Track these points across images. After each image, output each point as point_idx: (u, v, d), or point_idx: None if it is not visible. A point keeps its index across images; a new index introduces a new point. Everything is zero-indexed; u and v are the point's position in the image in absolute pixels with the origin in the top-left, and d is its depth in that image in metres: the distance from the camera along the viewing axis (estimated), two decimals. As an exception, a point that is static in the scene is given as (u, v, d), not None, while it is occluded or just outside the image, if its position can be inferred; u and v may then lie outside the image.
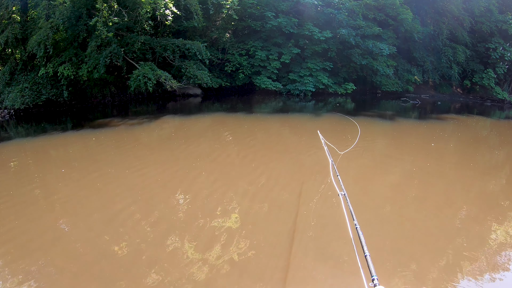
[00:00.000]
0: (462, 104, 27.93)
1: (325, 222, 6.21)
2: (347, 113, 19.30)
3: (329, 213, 6.50)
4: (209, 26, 23.38)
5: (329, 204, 6.85)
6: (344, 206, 4.06)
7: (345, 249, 5.21)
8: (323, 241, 5.58)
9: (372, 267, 2.61)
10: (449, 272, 4.89)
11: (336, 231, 5.79)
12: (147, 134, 12.97)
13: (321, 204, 6.86)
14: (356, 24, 24.14)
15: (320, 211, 6.56)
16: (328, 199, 7.09)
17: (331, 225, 6.07)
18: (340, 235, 5.57)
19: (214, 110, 18.91)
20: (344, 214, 3.93)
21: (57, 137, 12.11)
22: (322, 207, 6.75)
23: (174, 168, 8.95)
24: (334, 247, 5.41)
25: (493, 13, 28.91)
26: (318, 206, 6.78)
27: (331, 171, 5.79)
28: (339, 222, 5.68)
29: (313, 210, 6.57)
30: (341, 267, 4.92)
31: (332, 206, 6.72)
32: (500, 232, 6.08)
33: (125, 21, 16.62)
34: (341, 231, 5.58)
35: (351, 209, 3.77)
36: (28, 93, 16.15)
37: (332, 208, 6.63)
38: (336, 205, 6.54)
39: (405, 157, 10.79)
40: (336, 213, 6.30)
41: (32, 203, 6.74)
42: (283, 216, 6.32)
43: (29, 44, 15.90)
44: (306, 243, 5.45)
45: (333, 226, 6.00)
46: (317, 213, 6.44)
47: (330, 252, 5.28)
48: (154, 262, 4.84)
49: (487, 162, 10.97)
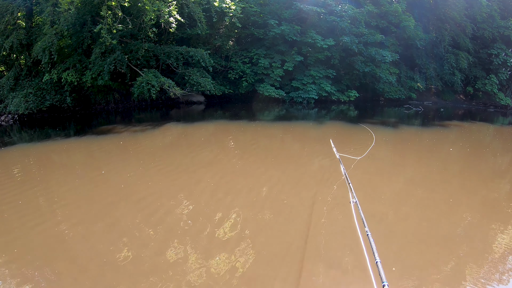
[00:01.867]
0: (465, 110, 27.87)
1: (336, 229, 6.12)
2: (349, 120, 19.34)
3: (340, 220, 6.43)
4: (212, 33, 23.51)
5: (339, 211, 6.76)
6: (355, 214, 4.07)
7: (355, 255, 5.16)
8: (334, 248, 5.49)
9: (383, 274, 2.62)
10: (456, 277, 4.82)
11: (346, 238, 5.73)
12: (150, 141, 12.95)
13: (331, 212, 6.76)
14: (359, 31, 24.22)
15: (331, 218, 6.48)
16: (338, 206, 7.00)
17: (341, 232, 5.99)
18: (351, 242, 5.53)
19: (217, 118, 18.91)
20: (354, 221, 3.95)
21: (60, 143, 12.10)
22: (333, 214, 6.66)
23: (177, 175, 8.86)
24: (345, 253, 5.33)
25: (495, 19, 29.03)
26: (329, 213, 6.69)
27: (346, 179, 5.78)
28: (349, 229, 5.73)
29: (323, 218, 6.48)
30: (352, 273, 4.86)
31: (342, 213, 6.64)
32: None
33: (129, 28, 16.72)
34: (352, 238, 5.55)
35: (363, 217, 3.79)
36: (32, 99, 16.22)
37: (342, 216, 6.55)
38: (346, 213, 6.47)
39: (407, 164, 10.74)
40: (346, 220, 6.26)
41: (35, 208, 6.71)
42: (294, 224, 6.24)
43: (34, 50, 16.02)
44: (317, 249, 5.38)
45: (343, 233, 5.93)
46: (328, 220, 6.37)
47: (341, 259, 5.20)
48: (155, 269, 4.78)
49: (491, 169, 10.91)
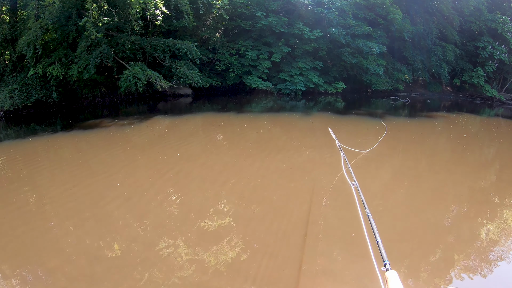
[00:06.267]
0: (452, 102, 28.25)
1: (338, 211, 6.55)
2: (337, 111, 19.49)
3: (341, 203, 6.88)
4: (199, 25, 23.39)
5: (340, 195, 7.24)
6: (356, 196, 4.17)
7: (357, 236, 5.50)
8: (336, 230, 5.90)
9: (384, 253, 2.67)
10: (445, 265, 5.14)
11: (348, 220, 6.12)
12: (138, 134, 13.00)
13: (333, 196, 7.23)
14: (347, 23, 24.27)
15: (333, 202, 6.94)
16: (339, 190, 7.47)
17: (343, 215, 6.40)
18: (352, 224, 5.89)
19: (205, 110, 18.97)
20: (356, 204, 4.07)
21: (47, 139, 12.11)
22: (334, 198, 7.12)
23: (166, 168, 8.92)
24: (347, 235, 5.72)
25: (483, 12, 29.26)
26: (330, 197, 7.15)
27: (343, 164, 5.93)
28: (350, 212, 6.06)
29: (324, 201, 6.94)
30: (354, 253, 5.19)
31: (342, 196, 7.12)
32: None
33: (115, 21, 16.57)
34: (353, 220, 5.87)
35: (363, 198, 3.87)
36: (17, 94, 16.11)
37: (342, 199, 7.02)
38: (347, 196, 6.86)
39: (394, 154, 10.97)
40: (347, 203, 6.64)
41: (23, 206, 6.71)
42: (298, 208, 6.65)
43: (19, 45, 15.82)
44: (319, 232, 5.76)
45: (345, 216, 6.34)
46: (329, 204, 6.82)
47: (344, 240, 5.59)
48: (147, 264, 4.88)
49: (477, 159, 11.23)
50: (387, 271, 2.44)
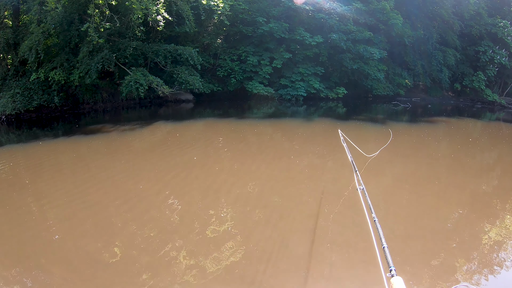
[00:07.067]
0: (452, 106, 28.30)
1: (344, 216, 6.53)
2: (338, 117, 19.48)
3: (346, 208, 6.89)
4: (200, 31, 23.48)
5: (346, 199, 7.26)
6: (363, 200, 4.14)
7: (363, 241, 5.50)
8: (342, 234, 5.88)
9: (390, 258, 2.64)
10: (446, 271, 5.11)
11: (354, 225, 6.13)
12: (139, 140, 12.99)
13: (338, 200, 7.24)
14: (347, 28, 24.39)
15: (338, 207, 6.93)
16: (345, 195, 7.51)
17: (349, 220, 6.40)
18: (359, 229, 5.93)
19: (206, 116, 19.00)
20: (363, 208, 4.02)
21: (49, 143, 12.11)
22: (340, 203, 7.12)
23: (167, 174, 8.94)
24: (353, 240, 5.71)
25: (483, 17, 29.42)
26: (336, 202, 7.16)
27: (353, 166, 5.92)
28: (357, 217, 6.16)
29: (332, 207, 6.93)
30: (360, 258, 5.19)
31: (348, 201, 7.16)
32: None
33: (117, 26, 16.66)
34: (359, 225, 5.96)
35: (370, 203, 3.81)
36: (19, 99, 16.14)
37: (348, 203, 7.04)
38: (352, 200, 6.99)
39: (397, 159, 10.95)
40: (353, 207, 6.74)
41: (24, 210, 6.71)
42: (304, 214, 6.69)
43: (21, 49, 15.90)
44: (327, 236, 5.77)
45: (351, 220, 6.35)
46: (337, 209, 6.81)
47: (350, 245, 5.58)
48: (146, 268, 4.85)
49: (479, 164, 11.21)
50: (392, 277, 2.42)
